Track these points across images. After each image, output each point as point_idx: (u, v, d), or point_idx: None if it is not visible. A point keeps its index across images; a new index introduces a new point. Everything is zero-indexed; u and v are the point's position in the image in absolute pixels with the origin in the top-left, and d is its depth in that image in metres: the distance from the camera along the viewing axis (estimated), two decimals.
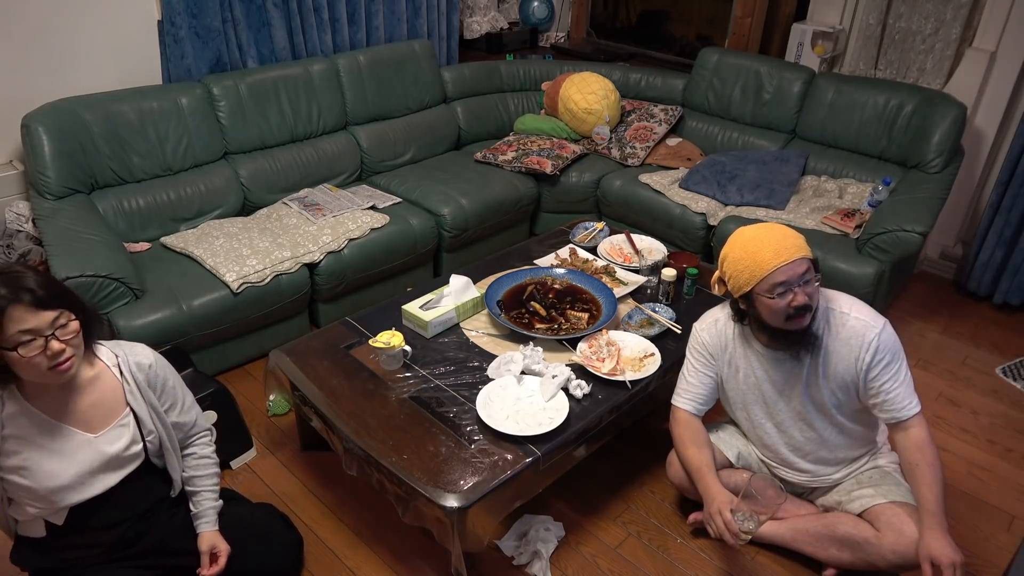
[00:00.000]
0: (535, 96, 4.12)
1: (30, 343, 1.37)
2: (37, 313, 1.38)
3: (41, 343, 1.38)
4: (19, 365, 1.39)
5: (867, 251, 2.80)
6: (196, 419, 1.76)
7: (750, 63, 3.67)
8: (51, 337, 1.39)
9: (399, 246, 3.02)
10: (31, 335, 1.37)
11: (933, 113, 3.12)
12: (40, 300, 1.38)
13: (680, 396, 2.00)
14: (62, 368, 1.42)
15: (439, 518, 1.72)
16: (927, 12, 3.40)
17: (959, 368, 2.92)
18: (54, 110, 2.67)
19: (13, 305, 1.35)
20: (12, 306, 1.35)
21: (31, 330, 1.37)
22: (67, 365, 1.43)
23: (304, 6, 3.32)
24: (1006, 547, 2.11)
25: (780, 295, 1.67)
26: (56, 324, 1.40)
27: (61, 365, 1.41)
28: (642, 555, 2.06)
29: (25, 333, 1.36)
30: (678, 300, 2.49)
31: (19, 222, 2.68)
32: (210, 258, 2.64)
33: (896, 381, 1.74)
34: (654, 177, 3.47)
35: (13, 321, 1.35)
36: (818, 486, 2.01)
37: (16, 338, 1.35)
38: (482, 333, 2.29)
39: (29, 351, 1.37)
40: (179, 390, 1.71)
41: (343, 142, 3.44)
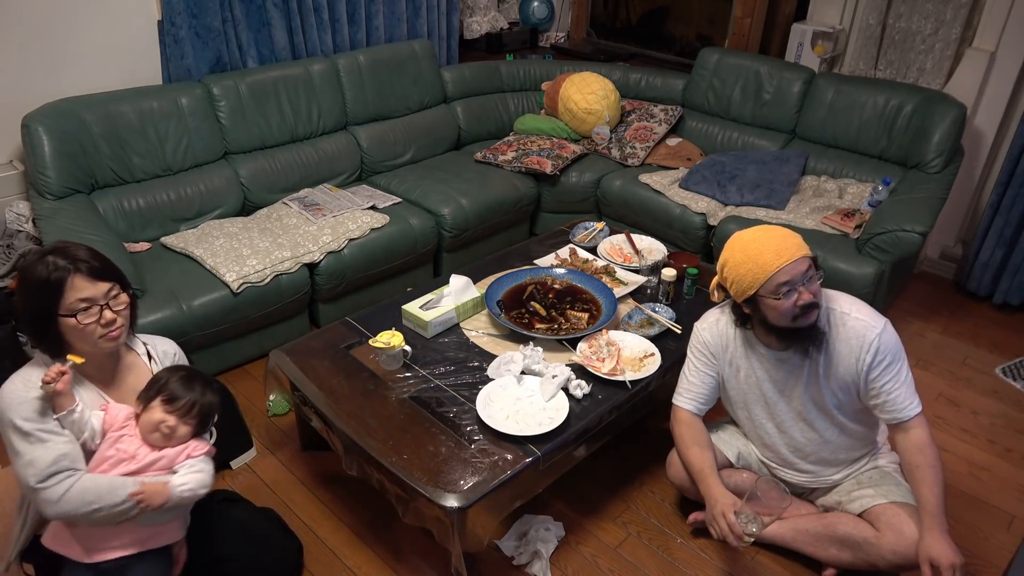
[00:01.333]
0: (535, 96, 4.12)
1: (87, 310, 1.48)
2: (94, 283, 1.49)
3: (96, 311, 1.49)
4: (74, 332, 1.48)
5: (867, 251, 2.80)
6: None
7: (750, 63, 3.67)
8: (105, 306, 1.51)
9: (399, 246, 3.02)
10: (88, 303, 1.48)
11: (933, 113, 3.12)
12: (96, 271, 1.51)
13: (681, 395, 2.00)
14: (113, 335, 1.53)
15: (439, 518, 1.72)
16: (927, 12, 3.40)
17: (959, 368, 2.92)
18: (54, 110, 2.67)
19: (74, 274, 1.47)
20: (73, 275, 1.47)
21: (88, 298, 1.48)
22: (117, 333, 1.53)
23: (304, 6, 3.32)
24: (1006, 547, 2.11)
25: (785, 295, 1.67)
26: (109, 295, 1.52)
27: (112, 332, 1.52)
28: (642, 555, 2.07)
29: (83, 301, 1.47)
30: (678, 300, 2.49)
31: (19, 222, 2.67)
32: (210, 258, 2.64)
33: (897, 381, 1.74)
34: (654, 177, 3.47)
35: (74, 289, 1.46)
36: (818, 486, 2.01)
37: (75, 305, 1.46)
38: (482, 333, 2.29)
39: (86, 318, 1.48)
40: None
41: (343, 142, 3.44)
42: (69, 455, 1.48)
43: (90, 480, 1.49)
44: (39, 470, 1.44)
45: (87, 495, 1.47)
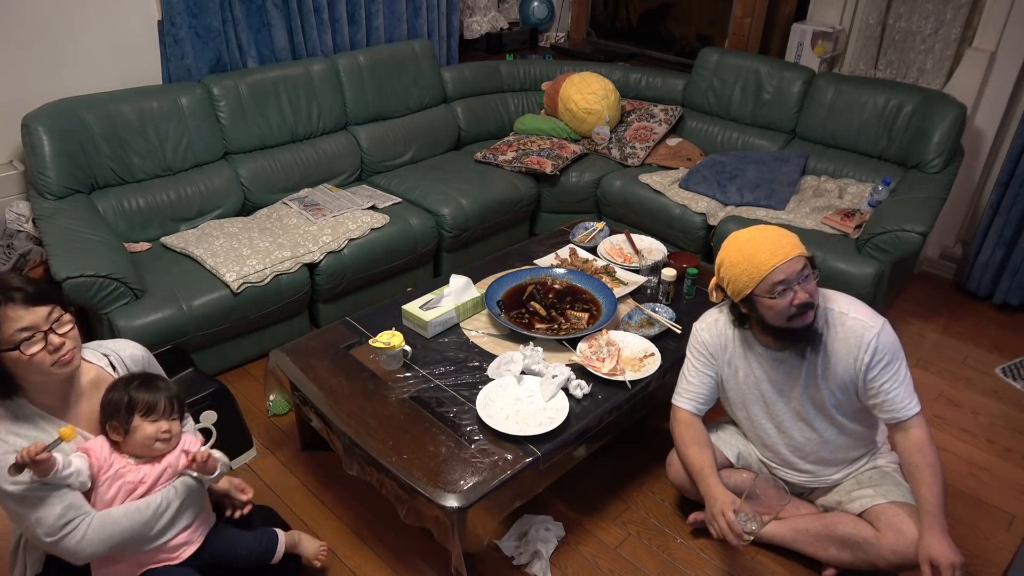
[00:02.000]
0: (535, 96, 4.12)
1: (30, 340, 1.38)
2: (31, 310, 1.39)
3: (41, 338, 1.40)
4: (22, 366, 1.40)
5: (867, 251, 2.80)
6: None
7: (750, 63, 3.67)
8: (48, 332, 1.41)
9: (399, 246, 3.02)
10: (29, 331, 1.38)
11: (933, 113, 3.12)
12: (30, 296, 1.40)
13: (680, 396, 2.00)
14: (65, 359, 1.44)
15: (439, 518, 1.72)
16: (927, 12, 3.40)
17: (959, 368, 2.92)
18: (54, 110, 2.67)
19: (4, 305, 1.37)
20: (7, 305, 1.37)
21: (29, 327, 1.38)
22: (69, 356, 1.45)
23: (304, 6, 3.32)
24: (1006, 547, 2.11)
25: (781, 294, 1.67)
26: (51, 319, 1.42)
27: (64, 356, 1.43)
28: (642, 555, 2.07)
29: (24, 331, 1.38)
30: (678, 300, 2.49)
31: (19, 222, 2.68)
32: (210, 258, 2.64)
33: (895, 381, 1.74)
34: (654, 177, 3.47)
35: (9, 320, 1.36)
36: (818, 486, 2.01)
37: (16, 336, 1.37)
38: (482, 333, 2.29)
39: (31, 347, 1.38)
40: None
41: (343, 142, 3.44)
42: (72, 504, 1.44)
43: (104, 516, 1.47)
44: (48, 527, 1.40)
45: (105, 531, 1.45)
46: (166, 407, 1.56)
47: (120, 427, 1.53)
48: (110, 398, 1.54)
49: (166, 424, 1.56)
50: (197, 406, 2.18)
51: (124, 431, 1.53)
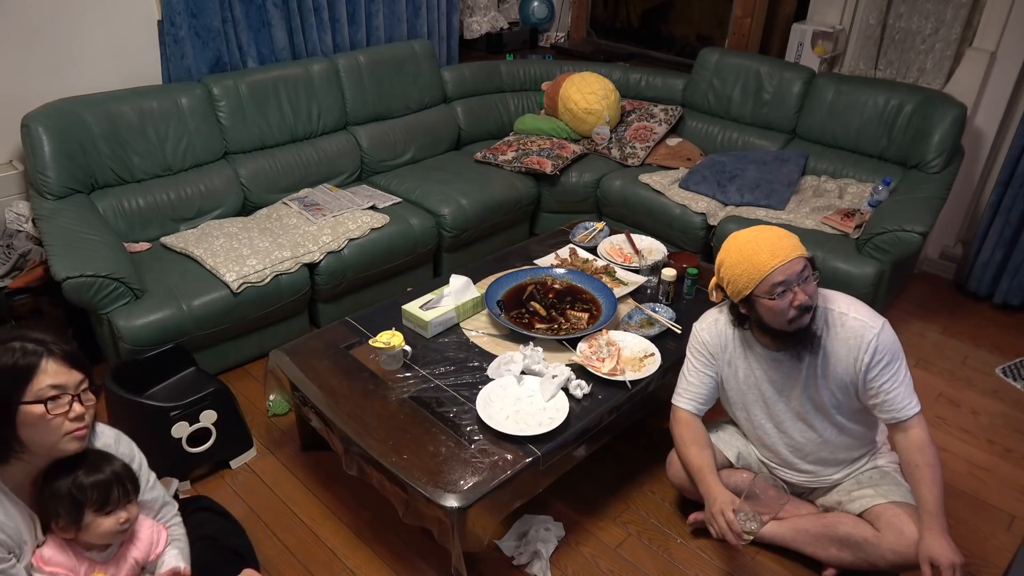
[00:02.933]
0: (535, 96, 4.12)
1: (58, 399, 1.30)
2: (69, 370, 1.32)
3: (68, 401, 1.31)
4: (36, 427, 1.29)
5: (867, 251, 2.80)
6: (161, 496, 1.65)
7: (750, 63, 3.67)
8: (76, 398, 1.33)
9: (399, 246, 3.02)
10: (59, 391, 1.30)
11: (933, 113, 3.12)
12: (70, 356, 1.33)
13: (680, 396, 2.00)
14: (80, 433, 1.34)
15: (439, 518, 1.72)
16: (927, 12, 3.40)
17: (959, 368, 2.92)
18: (54, 110, 2.67)
19: (49, 357, 1.30)
20: (48, 358, 1.30)
21: (61, 385, 1.30)
22: (83, 432, 1.35)
23: (304, 6, 3.32)
24: (1006, 547, 2.11)
25: (780, 295, 1.67)
26: (81, 386, 1.35)
27: (79, 430, 1.34)
28: (642, 555, 2.06)
29: (55, 388, 1.30)
30: (678, 300, 2.49)
31: (19, 222, 2.67)
32: (210, 258, 2.64)
33: (895, 381, 1.74)
34: (654, 177, 3.47)
35: (47, 374, 1.29)
36: (818, 486, 2.01)
37: (45, 392, 1.28)
38: (482, 333, 2.29)
39: (57, 408, 1.29)
40: (144, 467, 1.60)
41: (343, 142, 3.44)
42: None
43: None
44: None
45: None
46: (120, 493, 1.42)
47: (70, 526, 1.39)
48: (53, 490, 1.37)
49: (124, 514, 1.43)
50: (197, 405, 2.18)
51: (75, 528, 1.40)
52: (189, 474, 2.27)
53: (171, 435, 2.15)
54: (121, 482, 1.42)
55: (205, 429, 2.21)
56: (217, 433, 2.24)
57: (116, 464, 1.44)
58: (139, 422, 2.17)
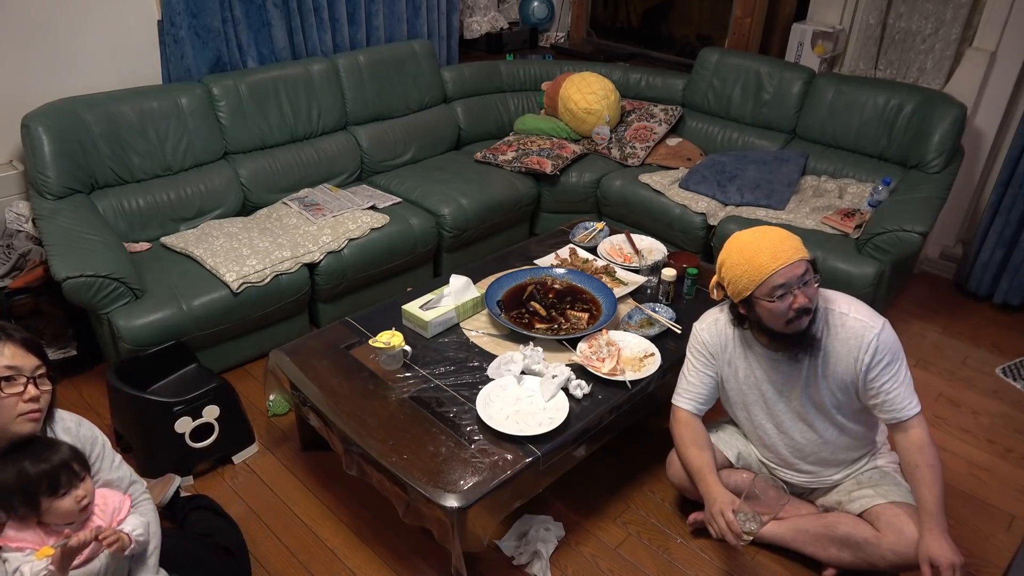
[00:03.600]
0: (535, 96, 4.12)
1: (13, 380, 1.36)
2: (26, 354, 1.39)
3: (23, 382, 1.38)
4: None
5: (867, 251, 2.80)
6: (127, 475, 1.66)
7: (750, 63, 3.67)
8: (31, 381, 1.39)
9: (399, 246, 3.02)
10: (14, 371, 1.37)
11: (933, 113, 3.12)
12: (27, 342, 1.40)
13: (680, 396, 2.00)
14: (33, 416, 1.40)
15: (439, 518, 1.72)
16: (927, 12, 3.40)
17: (959, 368, 2.92)
18: (54, 110, 2.67)
19: (8, 341, 1.37)
20: (7, 342, 1.37)
21: (17, 367, 1.37)
22: (37, 415, 1.41)
23: (304, 6, 3.32)
24: (1006, 547, 2.11)
25: (780, 298, 1.67)
26: (37, 371, 1.41)
27: (33, 413, 1.40)
28: (642, 555, 2.06)
29: (11, 369, 1.36)
30: (678, 300, 2.49)
31: (19, 222, 2.68)
32: (210, 258, 2.64)
33: (896, 381, 1.74)
34: (654, 177, 3.47)
35: (3, 356, 1.36)
36: (818, 487, 2.01)
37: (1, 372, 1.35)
38: (482, 333, 2.29)
39: (12, 388, 1.36)
40: (107, 448, 1.62)
41: (343, 142, 3.44)
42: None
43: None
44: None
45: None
46: (69, 474, 1.43)
47: (30, 513, 1.41)
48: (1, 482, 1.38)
49: (79, 492, 1.45)
50: (199, 401, 2.19)
51: (35, 515, 1.42)
52: (192, 469, 2.28)
53: (174, 430, 2.17)
54: (68, 465, 1.44)
55: (208, 424, 2.22)
56: (219, 428, 2.25)
57: (62, 449, 1.46)
58: (142, 417, 2.20)
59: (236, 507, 2.18)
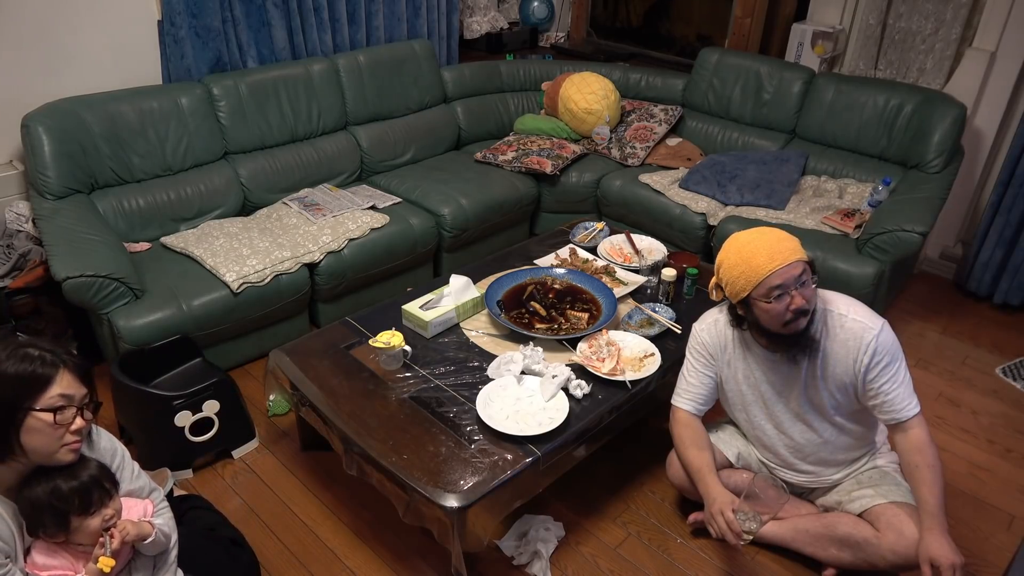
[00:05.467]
0: (535, 96, 4.12)
1: (64, 410, 1.33)
2: (79, 384, 1.36)
3: (73, 413, 1.35)
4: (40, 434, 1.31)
5: (867, 251, 2.80)
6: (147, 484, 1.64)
7: (750, 63, 3.67)
8: (80, 411, 1.36)
9: (399, 246, 3.02)
10: (67, 402, 1.33)
11: (933, 113, 3.12)
12: (82, 370, 1.37)
13: (680, 396, 2.00)
14: (75, 446, 1.37)
15: (439, 518, 1.72)
16: (927, 12, 3.40)
17: (959, 368, 2.92)
18: (54, 110, 2.67)
19: (65, 368, 1.34)
20: (64, 369, 1.34)
21: (70, 396, 1.34)
22: (79, 445, 1.39)
23: (304, 6, 3.32)
24: (1006, 547, 2.11)
25: (777, 299, 1.67)
26: (84, 400, 1.38)
27: (75, 443, 1.37)
28: (642, 555, 2.07)
29: (64, 398, 1.33)
30: (678, 300, 2.49)
31: (19, 222, 2.67)
32: (210, 258, 2.64)
33: (895, 382, 1.74)
34: (654, 177, 3.47)
35: (60, 384, 1.33)
36: (818, 487, 2.01)
37: (55, 401, 1.32)
38: (482, 333, 2.29)
39: (64, 418, 1.33)
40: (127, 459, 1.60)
41: (343, 142, 3.44)
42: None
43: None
44: None
45: None
46: (100, 493, 1.42)
47: (58, 532, 1.39)
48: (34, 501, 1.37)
49: (108, 511, 1.43)
50: (199, 396, 2.20)
51: (64, 534, 1.40)
52: (192, 463, 2.29)
53: (174, 424, 2.18)
54: (99, 483, 1.43)
55: (208, 419, 2.24)
56: (219, 423, 2.26)
57: (91, 466, 1.44)
58: (143, 410, 2.22)
59: (236, 506, 2.18)
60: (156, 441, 2.23)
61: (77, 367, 1.37)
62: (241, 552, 1.85)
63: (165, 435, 2.20)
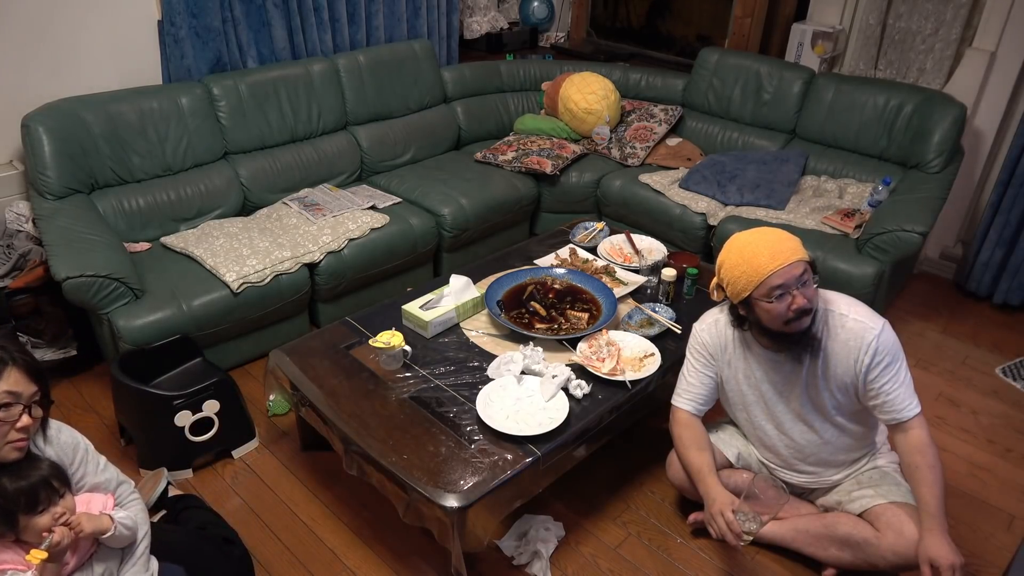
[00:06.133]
0: (535, 96, 4.12)
1: (10, 407, 1.32)
2: (28, 381, 1.35)
3: (19, 411, 1.34)
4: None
5: (867, 251, 2.80)
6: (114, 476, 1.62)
7: (750, 63, 3.67)
8: (27, 409, 1.35)
9: (399, 246, 3.02)
10: (14, 399, 1.33)
11: (933, 113, 3.12)
12: (32, 368, 1.37)
13: (680, 396, 2.00)
14: (19, 444, 1.36)
15: (439, 518, 1.72)
16: (927, 12, 3.40)
17: (959, 368, 2.92)
18: (54, 110, 2.67)
19: (13, 365, 1.33)
20: (12, 366, 1.33)
21: (16, 394, 1.33)
22: (24, 443, 1.37)
23: (304, 6, 3.32)
24: (1006, 547, 2.11)
25: (778, 298, 1.67)
26: (33, 398, 1.37)
27: (20, 441, 1.36)
28: (642, 555, 2.06)
29: (10, 395, 1.33)
30: (678, 300, 2.49)
31: (19, 222, 2.67)
32: (210, 258, 2.64)
33: (896, 382, 1.74)
34: (654, 177, 3.47)
35: (6, 381, 1.32)
36: (818, 487, 2.01)
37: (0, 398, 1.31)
38: (482, 333, 2.29)
39: (8, 415, 1.32)
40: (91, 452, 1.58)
41: (343, 142, 3.44)
42: None
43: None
44: None
45: None
46: (47, 493, 1.39)
47: (6, 531, 1.37)
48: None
49: (58, 509, 1.39)
50: (199, 395, 2.20)
51: (12, 533, 1.38)
52: (192, 463, 2.29)
53: (174, 424, 2.19)
54: (47, 482, 1.40)
55: (208, 418, 2.24)
56: (219, 423, 2.26)
57: (42, 465, 1.42)
58: (143, 410, 2.22)
59: (236, 506, 2.18)
60: (156, 441, 2.24)
61: (27, 364, 1.36)
62: (233, 549, 1.85)
63: (165, 435, 2.20)
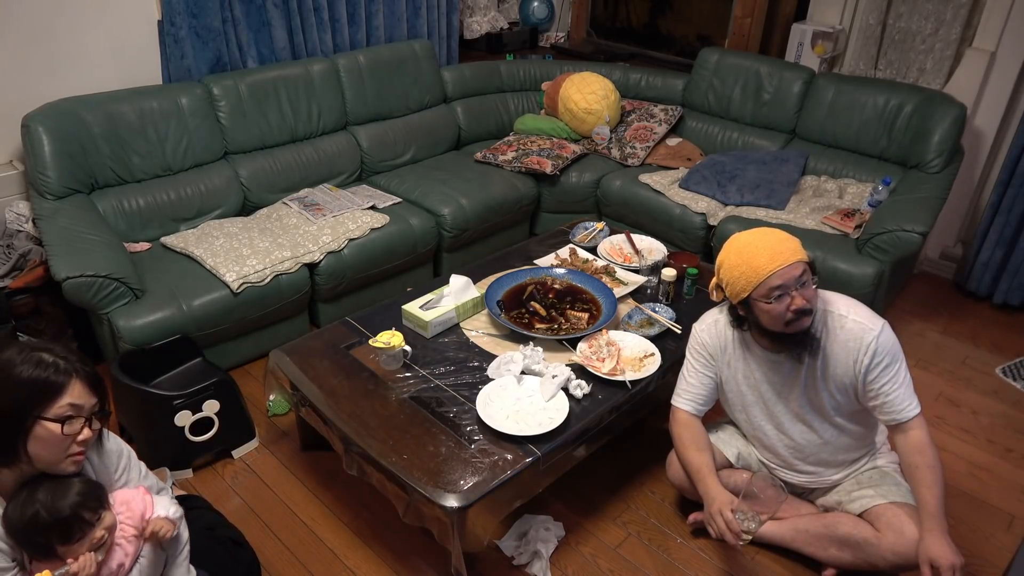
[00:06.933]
0: (535, 96, 4.12)
1: (73, 420, 1.31)
2: (90, 394, 1.34)
3: (81, 424, 1.33)
4: (46, 443, 1.30)
5: (867, 251, 2.80)
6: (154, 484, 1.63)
7: (750, 63, 3.67)
8: (88, 422, 1.34)
9: (399, 246, 3.02)
10: (76, 412, 1.31)
11: (933, 113, 3.12)
12: (95, 380, 1.35)
13: (680, 396, 2.00)
14: (78, 458, 1.35)
15: (439, 518, 1.72)
16: (927, 12, 3.40)
17: (959, 368, 2.92)
18: (54, 110, 2.67)
19: (77, 377, 1.32)
20: (76, 378, 1.32)
21: (79, 406, 1.32)
22: (81, 458, 1.37)
23: (304, 6, 3.32)
24: (1006, 547, 2.11)
25: (778, 299, 1.67)
26: (93, 411, 1.36)
27: (78, 455, 1.35)
28: (642, 555, 2.07)
29: (74, 408, 1.31)
30: (678, 300, 2.49)
31: (19, 222, 2.67)
32: (210, 258, 2.64)
33: (895, 383, 1.74)
34: (654, 177, 3.47)
35: (71, 393, 1.31)
36: (818, 487, 2.01)
37: (64, 411, 1.30)
38: (482, 333, 2.29)
39: (72, 428, 1.31)
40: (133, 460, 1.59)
41: (343, 142, 3.44)
42: None
43: None
44: None
45: None
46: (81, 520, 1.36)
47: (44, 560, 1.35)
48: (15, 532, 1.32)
49: (98, 531, 1.38)
50: (199, 395, 2.21)
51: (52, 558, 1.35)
52: (192, 463, 2.29)
53: (174, 424, 2.19)
54: (78, 515, 1.36)
55: (208, 418, 2.24)
56: (219, 423, 2.26)
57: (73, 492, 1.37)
58: (143, 410, 2.22)
59: (236, 506, 2.18)
60: (156, 441, 2.24)
61: (89, 376, 1.35)
62: (242, 552, 1.85)
63: (165, 435, 2.20)
